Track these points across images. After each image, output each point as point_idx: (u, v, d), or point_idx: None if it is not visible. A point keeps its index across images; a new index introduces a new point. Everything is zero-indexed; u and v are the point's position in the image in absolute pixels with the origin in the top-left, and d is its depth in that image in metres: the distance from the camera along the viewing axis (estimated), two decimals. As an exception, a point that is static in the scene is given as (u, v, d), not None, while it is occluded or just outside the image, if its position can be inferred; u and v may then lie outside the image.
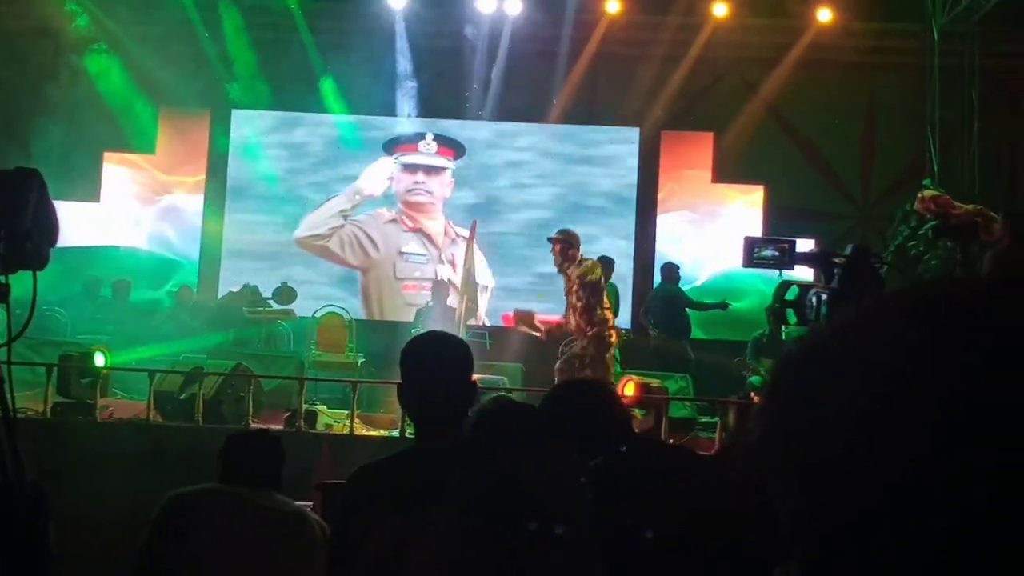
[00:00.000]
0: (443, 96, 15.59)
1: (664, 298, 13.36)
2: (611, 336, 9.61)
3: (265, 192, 15.70)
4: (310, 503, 7.30)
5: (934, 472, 0.73)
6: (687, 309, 13.48)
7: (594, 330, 9.49)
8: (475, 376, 3.32)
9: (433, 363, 3.30)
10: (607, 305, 9.72)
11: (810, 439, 0.79)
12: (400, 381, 3.33)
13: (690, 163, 15.59)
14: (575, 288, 9.49)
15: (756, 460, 0.85)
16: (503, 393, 9.30)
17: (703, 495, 1.38)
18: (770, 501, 0.83)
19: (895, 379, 0.76)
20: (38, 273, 3.62)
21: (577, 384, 4.34)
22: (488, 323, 14.00)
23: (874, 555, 0.75)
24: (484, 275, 14.71)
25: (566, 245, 9.60)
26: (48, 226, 3.57)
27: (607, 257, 13.48)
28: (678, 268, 13.58)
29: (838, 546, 0.77)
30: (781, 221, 14.50)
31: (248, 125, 15.91)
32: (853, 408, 0.77)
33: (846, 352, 0.81)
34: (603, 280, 9.83)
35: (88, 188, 15.22)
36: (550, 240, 9.79)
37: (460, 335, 10.90)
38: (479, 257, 14.01)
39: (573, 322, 9.54)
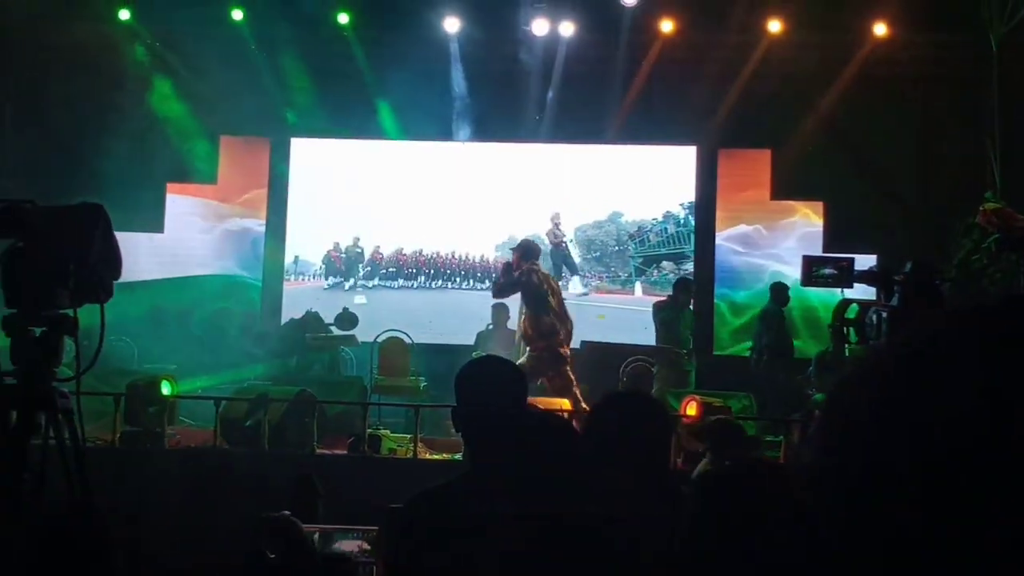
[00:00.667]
0: (498, 119, 15.65)
1: (774, 318, 13.26)
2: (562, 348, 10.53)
3: (325, 217, 15.87)
4: (375, 527, 7.36)
5: (992, 492, 0.73)
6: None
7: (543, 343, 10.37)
8: (535, 400, 3.33)
9: (486, 387, 3.32)
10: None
11: (864, 462, 0.79)
12: (454, 405, 3.36)
13: (748, 180, 15.52)
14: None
15: (810, 480, 0.85)
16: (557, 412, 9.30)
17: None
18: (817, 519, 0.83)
19: (955, 400, 0.76)
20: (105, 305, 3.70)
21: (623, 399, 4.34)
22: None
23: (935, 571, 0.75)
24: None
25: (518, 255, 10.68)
26: (112, 259, 3.66)
27: (686, 279, 13.52)
28: (787, 288, 13.37)
29: (893, 564, 0.77)
30: (841, 236, 14.36)
31: (306, 152, 16.09)
32: (910, 430, 0.77)
33: (902, 374, 0.81)
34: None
35: (152, 218, 15.45)
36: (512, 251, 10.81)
37: (522, 357, 10.92)
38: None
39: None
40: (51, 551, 3.69)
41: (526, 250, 10.94)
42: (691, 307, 12.98)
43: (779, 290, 13.39)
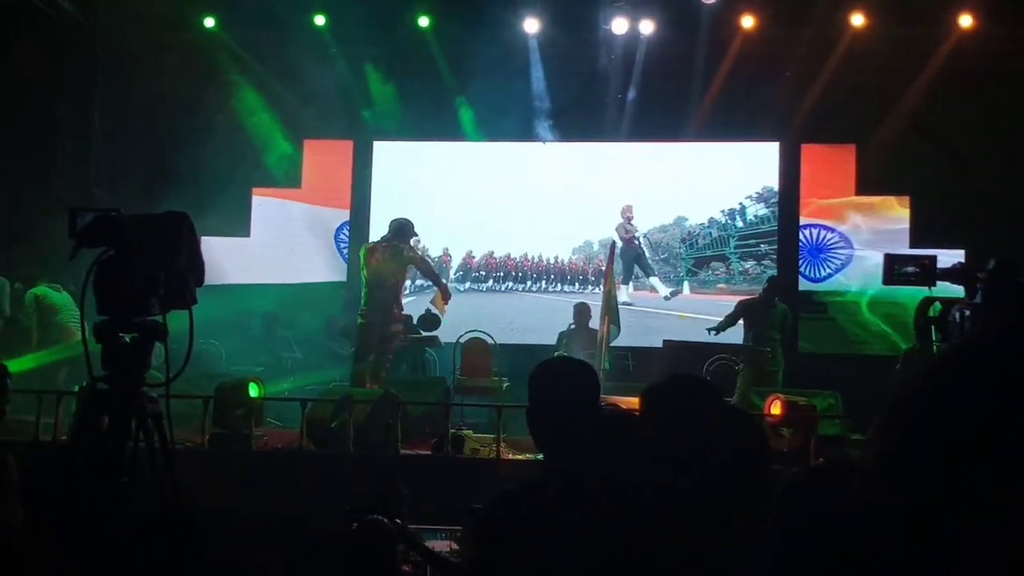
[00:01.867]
0: (579, 118, 15.65)
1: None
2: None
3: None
4: (459, 527, 7.41)
5: None
6: None
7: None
8: (612, 399, 3.31)
9: (556, 388, 3.34)
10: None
11: (931, 455, 0.79)
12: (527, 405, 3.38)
13: (833, 176, 15.34)
14: None
15: (876, 475, 0.85)
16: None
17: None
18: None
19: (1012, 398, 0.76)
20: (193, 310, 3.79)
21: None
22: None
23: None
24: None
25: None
26: (197, 265, 3.74)
27: (776, 277, 13.41)
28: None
29: (955, 554, 0.77)
30: (928, 232, 14.15)
31: (388, 154, 16.23)
32: (977, 426, 0.77)
33: (971, 370, 0.81)
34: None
35: (238, 223, 15.70)
36: None
37: (603, 358, 10.92)
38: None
39: None
40: (145, 553, 3.78)
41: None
42: (780, 305, 12.82)
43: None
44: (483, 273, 16.25)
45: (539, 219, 15.82)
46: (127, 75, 15.68)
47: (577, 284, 15.96)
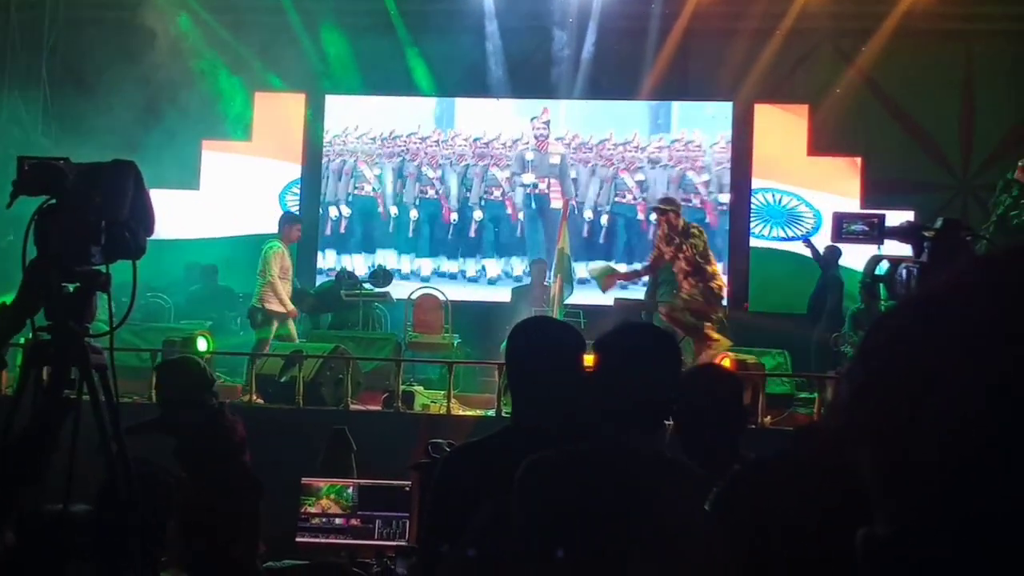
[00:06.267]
0: (533, 76, 15.58)
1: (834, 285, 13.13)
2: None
3: (359, 178, 15.89)
4: (408, 482, 7.41)
5: None
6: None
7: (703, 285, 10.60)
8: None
9: (541, 343, 3.33)
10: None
11: (903, 395, 0.79)
12: (500, 362, 3.38)
13: (785, 136, 15.36)
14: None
15: (849, 417, 0.85)
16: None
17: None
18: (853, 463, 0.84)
19: (985, 335, 0.76)
20: (138, 262, 3.73)
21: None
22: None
23: (974, 509, 0.75)
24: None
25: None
26: (145, 216, 3.68)
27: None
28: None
29: (935, 500, 0.77)
30: (879, 193, 14.24)
31: (341, 109, 16.08)
32: (947, 364, 0.77)
33: (938, 310, 0.81)
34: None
35: (188, 176, 15.50)
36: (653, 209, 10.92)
37: (554, 314, 10.94)
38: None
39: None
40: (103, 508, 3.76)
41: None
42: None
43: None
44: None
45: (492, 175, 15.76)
46: (76, 25, 15.47)
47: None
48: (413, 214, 15.79)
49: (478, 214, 15.63)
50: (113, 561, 4.01)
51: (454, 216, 15.71)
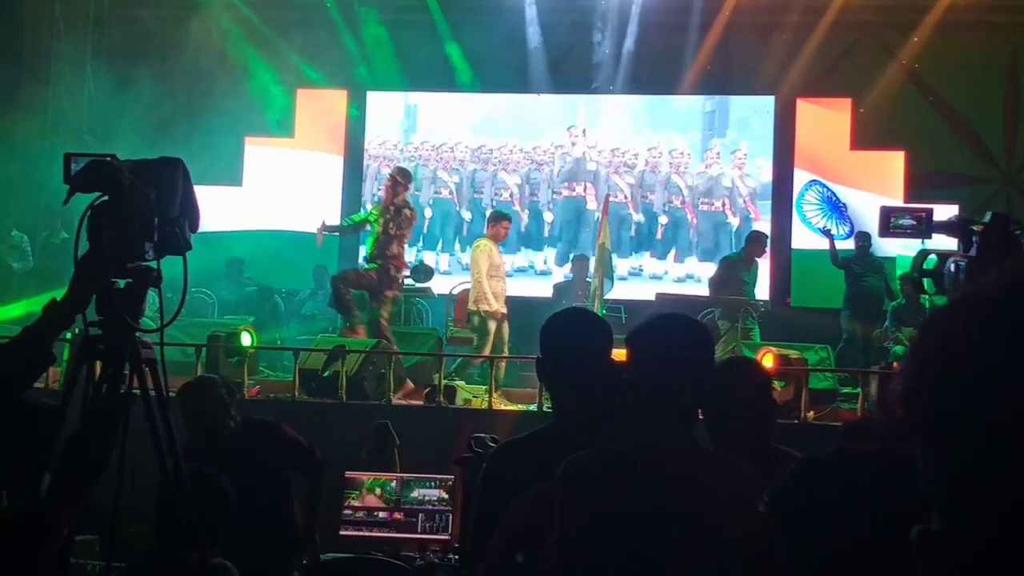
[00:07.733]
0: (574, 71, 15.56)
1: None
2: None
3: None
4: (451, 477, 7.45)
5: None
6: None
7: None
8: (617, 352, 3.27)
9: (571, 338, 3.32)
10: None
11: (957, 391, 0.80)
12: (539, 356, 3.37)
13: (828, 130, 15.25)
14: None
15: (904, 414, 0.86)
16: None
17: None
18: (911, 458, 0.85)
19: None
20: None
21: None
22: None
23: None
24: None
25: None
26: (192, 212, 3.72)
27: (758, 232, 13.27)
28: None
29: (989, 496, 0.78)
30: (923, 187, 14.12)
31: (383, 105, 16.14)
32: (1001, 361, 0.78)
33: (990, 307, 0.82)
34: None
35: (231, 172, 15.59)
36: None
37: (596, 310, 10.93)
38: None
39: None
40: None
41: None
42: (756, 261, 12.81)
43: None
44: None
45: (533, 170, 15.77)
46: (121, 24, 15.62)
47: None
48: (466, 215, 15.86)
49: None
50: (171, 551, 4.08)
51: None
